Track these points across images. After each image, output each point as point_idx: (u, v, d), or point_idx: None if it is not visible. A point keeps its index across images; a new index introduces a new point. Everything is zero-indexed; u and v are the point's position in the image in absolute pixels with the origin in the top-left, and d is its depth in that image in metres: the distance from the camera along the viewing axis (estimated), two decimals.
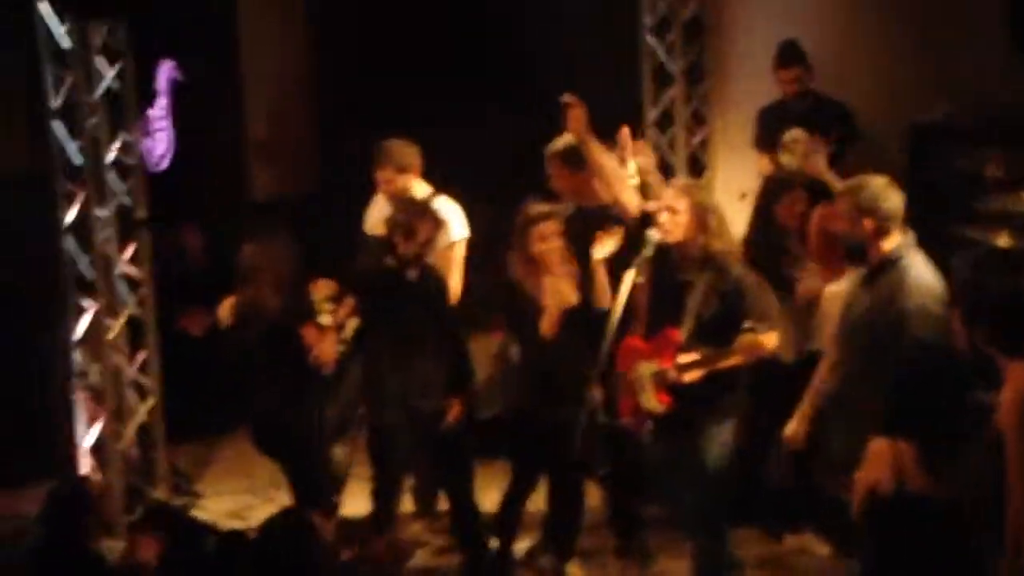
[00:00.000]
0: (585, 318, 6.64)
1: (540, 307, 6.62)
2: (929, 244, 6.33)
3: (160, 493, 7.95)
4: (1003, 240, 7.41)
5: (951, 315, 5.35)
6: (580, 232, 6.84)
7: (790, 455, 7.00)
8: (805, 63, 8.29)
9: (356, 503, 7.36)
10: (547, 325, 6.61)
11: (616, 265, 6.41)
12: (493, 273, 6.98)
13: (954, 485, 4.89)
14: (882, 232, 5.87)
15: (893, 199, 5.89)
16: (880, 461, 4.96)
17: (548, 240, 6.61)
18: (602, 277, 6.61)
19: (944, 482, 4.88)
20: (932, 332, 5.66)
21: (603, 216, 6.92)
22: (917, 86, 8.60)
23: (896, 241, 5.89)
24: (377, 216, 7.43)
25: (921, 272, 5.86)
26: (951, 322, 5.34)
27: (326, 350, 6.57)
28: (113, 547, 7.01)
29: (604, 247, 6.61)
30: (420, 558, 7.31)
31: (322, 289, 6.62)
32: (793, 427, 6.19)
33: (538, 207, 6.68)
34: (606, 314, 6.36)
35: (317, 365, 6.62)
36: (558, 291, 6.59)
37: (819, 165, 7.35)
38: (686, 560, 6.78)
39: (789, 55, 8.31)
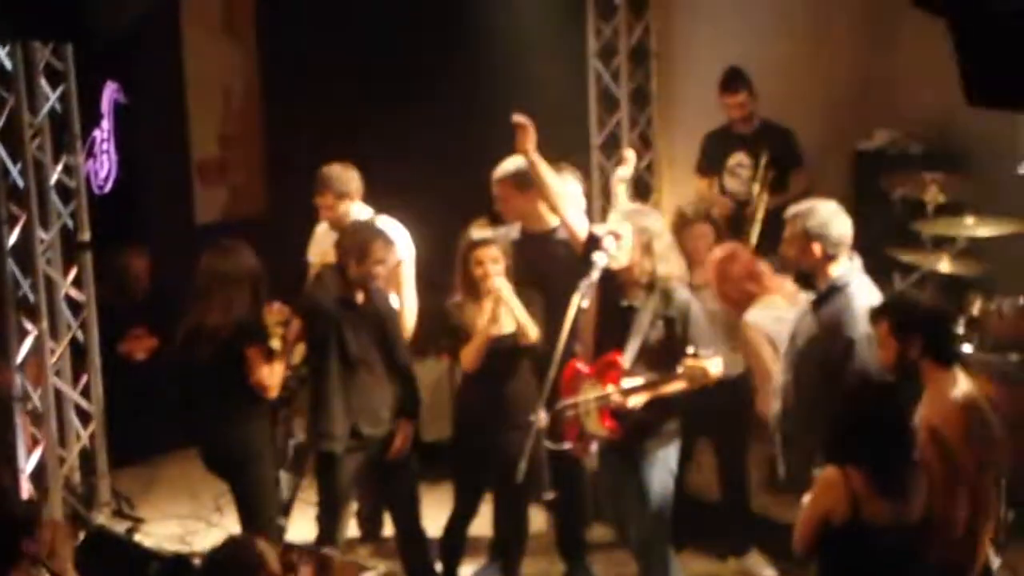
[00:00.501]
0: (517, 346, 6.66)
1: (474, 330, 6.65)
2: (872, 269, 6.41)
3: (103, 518, 7.88)
4: (944, 264, 7.48)
5: (878, 328, 5.39)
6: (526, 256, 6.86)
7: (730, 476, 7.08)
8: (750, 88, 8.35)
9: (301, 528, 7.33)
10: (471, 351, 6.63)
11: (564, 288, 6.41)
12: (438, 296, 6.97)
13: (907, 510, 4.90)
14: (830, 258, 5.90)
15: (841, 224, 5.93)
16: (832, 489, 4.96)
17: (486, 265, 6.61)
18: (517, 309, 6.61)
19: (898, 507, 4.89)
20: (877, 358, 5.72)
21: (550, 240, 6.93)
22: (860, 113, 8.69)
23: (844, 267, 5.93)
24: (321, 243, 7.41)
25: (867, 298, 5.89)
26: (878, 335, 5.39)
27: (269, 375, 6.51)
28: None
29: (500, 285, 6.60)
30: None
31: (275, 314, 6.55)
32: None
33: (480, 232, 6.69)
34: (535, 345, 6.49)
35: (260, 390, 6.55)
36: (495, 316, 6.60)
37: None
38: None
39: (734, 80, 8.37)
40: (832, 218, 5.93)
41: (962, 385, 5.27)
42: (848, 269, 5.94)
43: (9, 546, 5.37)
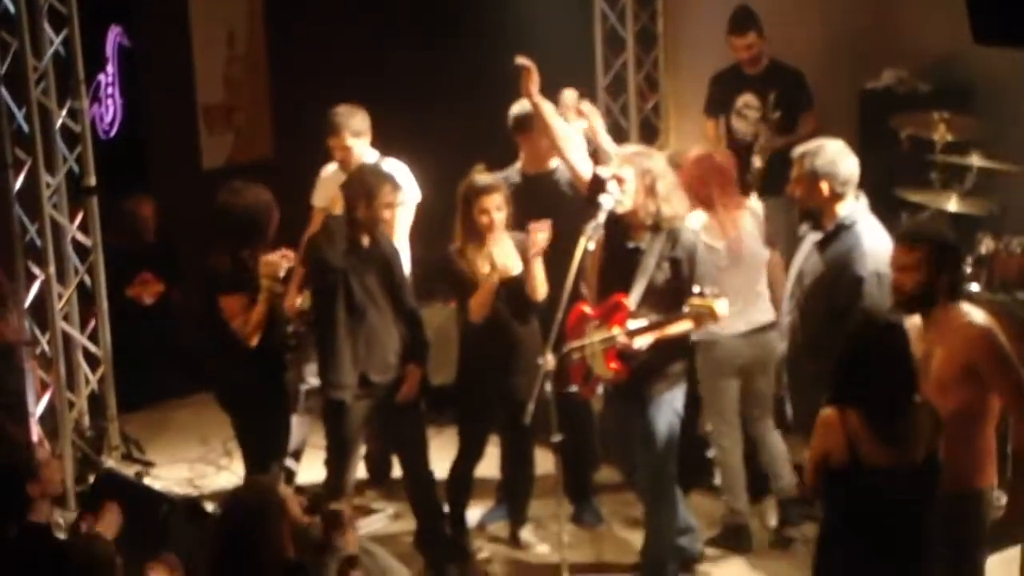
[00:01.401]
0: (524, 289, 6.66)
1: (480, 276, 6.64)
2: (880, 209, 6.39)
3: (112, 462, 7.92)
4: (952, 203, 7.46)
5: (912, 254, 5.26)
6: (528, 198, 6.86)
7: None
8: (759, 29, 8.27)
9: (311, 471, 7.36)
10: (479, 301, 6.63)
11: (568, 229, 6.42)
12: (444, 242, 6.96)
13: (905, 453, 4.88)
14: (837, 196, 5.90)
15: (849, 163, 5.93)
16: (829, 430, 4.93)
17: (491, 212, 6.61)
18: (536, 271, 6.61)
19: (895, 450, 4.87)
20: (886, 297, 5.71)
21: (550, 181, 6.91)
22: (867, 52, 8.63)
23: (851, 206, 5.92)
24: (326, 188, 7.39)
25: (875, 237, 5.89)
26: (909, 260, 5.28)
27: (243, 324, 6.47)
28: (65, 517, 7.01)
29: (536, 245, 6.55)
30: (374, 526, 7.32)
31: (270, 264, 6.44)
32: None
33: (482, 177, 6.67)
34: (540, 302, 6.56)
35: (240, 336, 6.51)
36: (499, 262, 6.59)
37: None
38: (639, 525, 6.84)
39: (743, 21, 8.29)
40: (840, 157, 5.92)
41: (978, 314, 5.26)
42: (855, 208, 5.94)
43: (18, 493, 5.43)
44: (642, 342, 6.08)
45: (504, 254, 6.64)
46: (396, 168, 7.24)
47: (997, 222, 7.45)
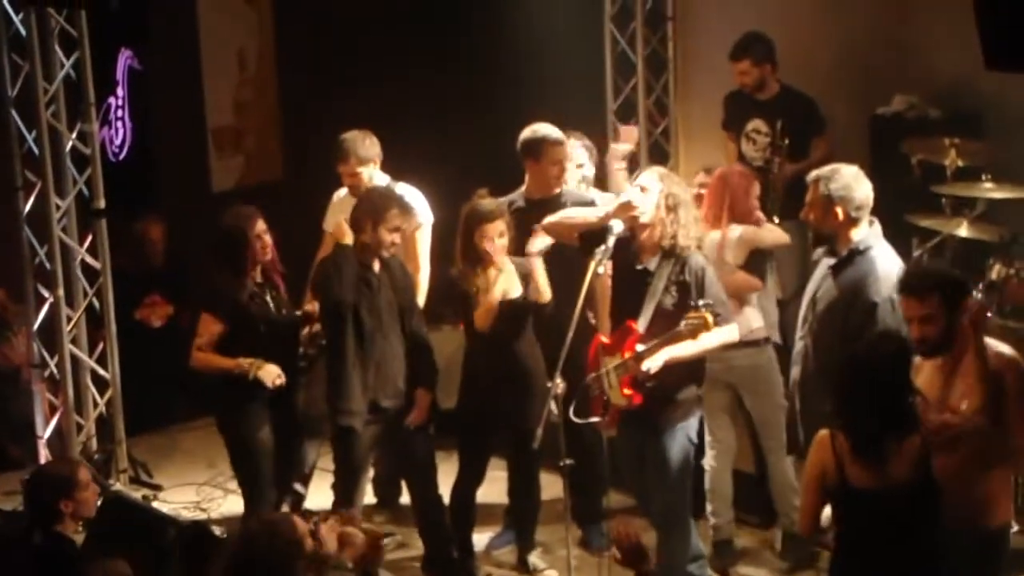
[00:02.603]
0: (527, 310, 6.67)
1: (480, 299, 6.66)
2: (891, 234, 6.38)
3: (119, 485, 7.90)
4: (962, 229, 7.44)
5: (926, 303, 5.23)
6: (532, 223, 6.85)
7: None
8: (756, 57, 8.24)
9: (319, 495, 7.34)
10: (480, 318, 6.63)
11: (575, 256, 6.43)
12: (449, 265, 6.97)
13: (889, 475, 4.88)
14: (852, 221, 5.92)
15: (864, 188, 5.94)
16: (820, 449, 4.99)
17: (493, 240, 6.61)
18: (539, 273, 6.62)
19: (879, 472, 4.87)
20: (900, 323, 5.67)
21: (555, 206, 6.92)
22: (878, 77, 8.63)
23: (865, 231, 5.93)
24: (338, 212, 7.39)
25: (889, 263, 5.90)
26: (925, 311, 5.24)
27: (203, 347, 6.60)
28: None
29: (538, 242, 6.61)
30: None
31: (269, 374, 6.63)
32: None
33: (486, 203, 6.67)
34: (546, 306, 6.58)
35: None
36: (499, 285, 6.61)
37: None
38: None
39: (738, 49, 8.29)
40: (854, 182, 5.94)
41: (1004, 346, 5.25)
42: (869, 233, 5.94)
43: (50, 504, 5.60)
44: (650, 364, 6.04)
45: (506, 279, 6.64)
46: (408, 192, 7.25)
47: (1008, 248, 7.42)
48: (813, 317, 6.03)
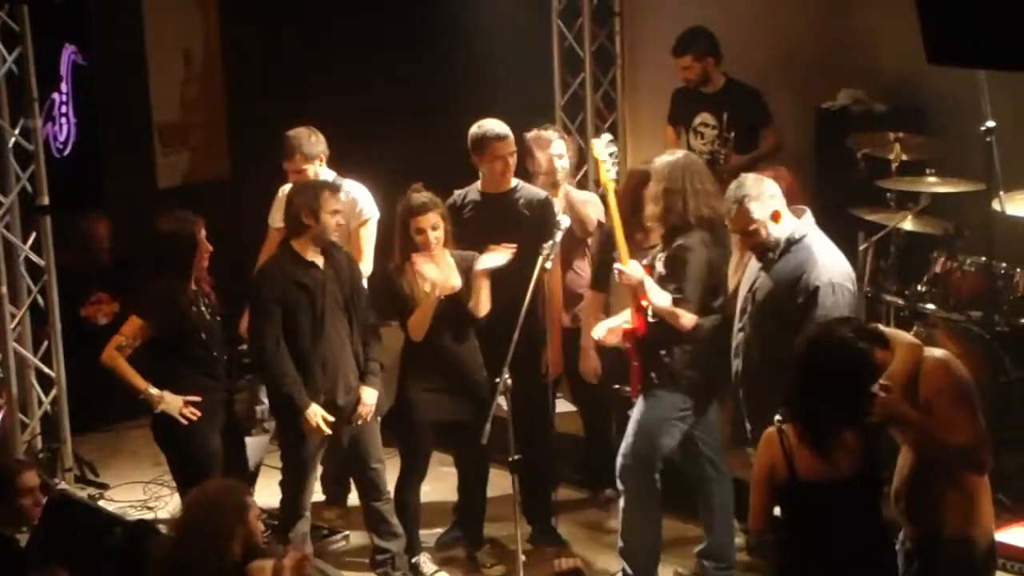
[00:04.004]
0: (462, 310, 6.68)
1: (418, 295, 6.65)
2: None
3: (65, 484, 7.83)
4: (907, 223, 7.49)
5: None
6: (486, 216, 6.91)
7: None
8: (697, 52, 8.25)
9: (267, 493, 7.30)
10: (419, 315, 6.63)
11: (528, 250, 6.50)
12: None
13: (836, 466, 4.89)
14: (774, 216, 5.94)
15: (768, 184, 5.99)
16: (768, 445, 5.01)
17: (427, 232, 6.60)
18: (483, 288, 6.63)
19: (828, 463, 4.89)
20: (841, 308, 5.75)
21: (508, 200, 6.92)
22: (823, 72, 8.68)
23: (793, 221, 5.97)
24: (283, 207, 7.36)
25: (827, 249, 5.95)
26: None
27: (116, 349, 6.56)
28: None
29: (490, 259, 6.61)
30: (331, 548, 7.28)
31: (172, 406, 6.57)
32: None
33: (418, 196, 6.65)
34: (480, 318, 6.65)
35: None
36: (438, 279, 6.60)
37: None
38: (599, 546, 6.82)
39: (679, 44, 8.30)
40: (755, 183, 5.98)
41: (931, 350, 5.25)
42: (800, 223, 5.99)
43: None
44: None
45: (443, 272, 6.63)
46: (354, 188, 7.24)
47: (952, 241, 7.48)
48: (752, 308, 6.05)
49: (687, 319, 6.24)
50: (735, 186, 6.02)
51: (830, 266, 5.86)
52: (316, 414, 6.52)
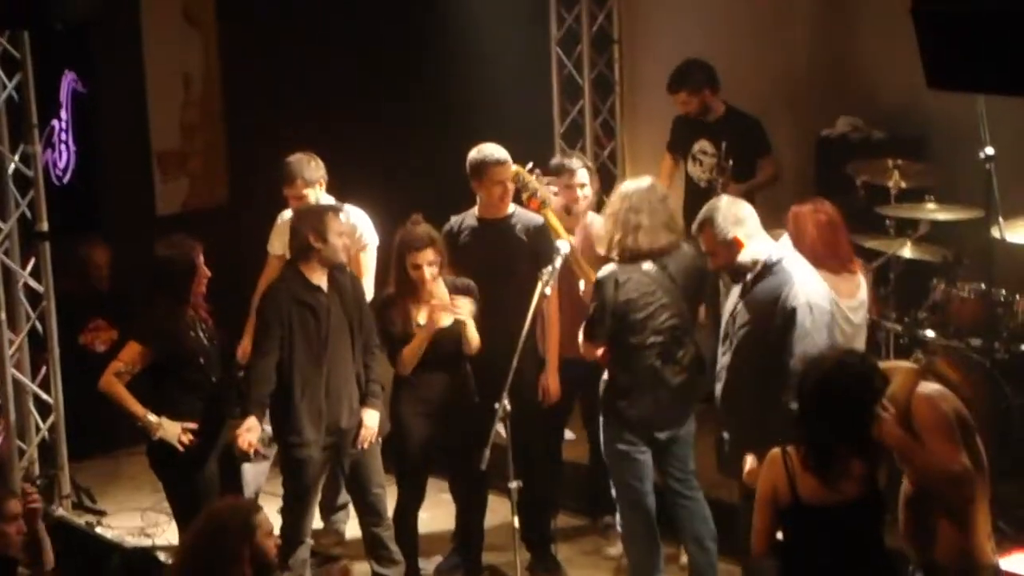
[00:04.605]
0: (456, 343, 6.70)
1: (411, 327, 6.68)
2: None
3: (63, 510, 7.81)
4: (906, 250, 7.49)
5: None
6: (483, 242, 6.93)
7: None
8: (693, 86, 8.26)
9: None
10: (411, 349, 6.65)
11: (526, 275, 6.54)
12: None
13: (839, 490, 4.91)
14: (748, 237, 5.93)
15: (742, 207, 5.99)
16: (772, 467, 5.02)
17: (422, 268, 6.61)
18: (469, 327, 6.66)
19: (830, 487, 4.91)
20: (819, 328, 5.75)
21: (504, 226, 6.95)
22: (823, 100, 8.70)
23: (769, 245, 5.97)
24: (283, 234, 7.35)
25: (804, 272, 5.94)
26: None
27: (114, 377, 6.53)
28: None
29: (465, 306, 6.65)
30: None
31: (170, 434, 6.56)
32: None
33: (416, 230, 6.66)
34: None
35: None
36: (431, 314, 6.64)
37: None
38: (599, 572, 6.79)
39: (674, 81, 8.31)
40: (730, 206, 5.98)
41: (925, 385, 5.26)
42: (775, 247, 5.98)
43: None
44: None
45: (438, 303, 6.66)
46: (354, 213, 7.25)
47: (951, 268, 7.49)
48: (732, 332, 6.04)
49: (583, 347, 6.39)
50: (705, 208, 6.04)
51: (807, 287, 5.85)
52: (249, 430, 6.47)
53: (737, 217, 5.93)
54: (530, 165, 7.00)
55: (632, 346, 6.29)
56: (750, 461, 5.82)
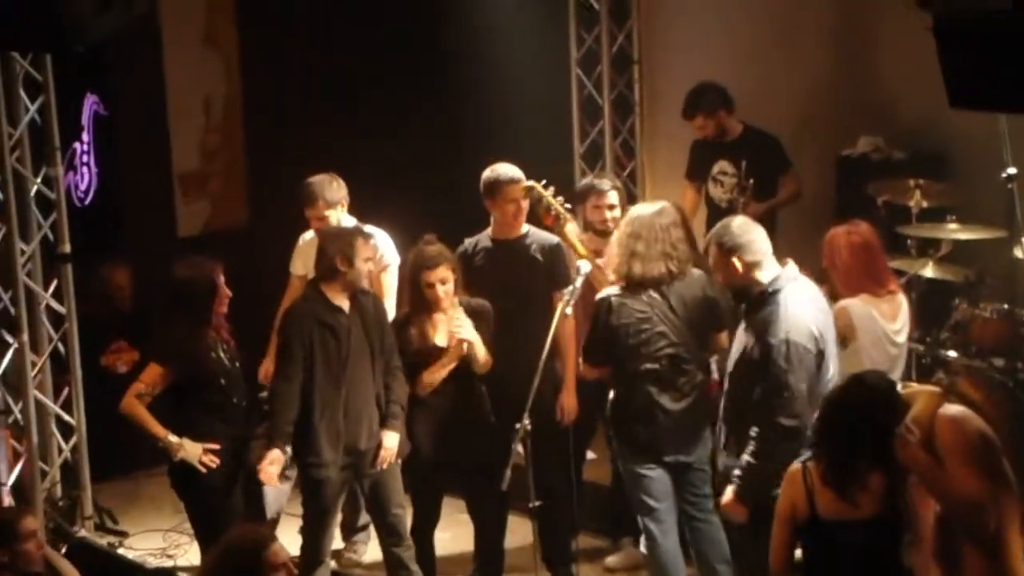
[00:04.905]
0: (470, 367, 6.70)
1: (427, 346, 6.68)
2: None
3: (85, 532, 7.82)
4: (928, 270, 7.47)
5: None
6: (497, 262, 6.94)
7: None
8: (708, 109, 8.23)
9: (286, 539, 7.27)
10: (432, 373, 6.67)
11: (541, 295, 6.66)
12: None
13: (857, 506, 4.91)
14: (753, 265, 5.83)
15: (752, 233, 5.87)
16: (791, 482, 5.03)
17: (435, 287, 6.62)
18: (478, 348, 6.66)
19: (848, 503, 4.91)
20: (795, 367, 5.64)
21: (519, 246, 6.96)
22: (843, 119, 8.69)
23: (772, 273, 5.85)
24: (304, 255, 7.38)
25: (799, 305, 5.78)
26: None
27: (137, 398, 6.52)
28: None
29: (468, 331, 6.64)
30: None
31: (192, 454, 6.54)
32: None
33: (429, 249, 6.67)
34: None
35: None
36: (451, 332, 6.65)
37: None
38: None
39: (688, 107, 8.30)
40: (739, 229, 5.87)
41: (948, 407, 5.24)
42: (778, 275, 5.85)
43: None
44: None
45: (454, 324, 6.66)
46: (376, 234, 7.25)
47: (973, 288, 7.46)
48: (733, 359, 5.99)
49: (583, 368, 6.58)
50: (717, 226, 5.99)
51: (792, 320, 5.71)
52: (272, 462, 6.47)
53: (741, 240, 5.84)
54: (544, 182, 7.00)
55: (629, 372, 6.29)
56: (729, 491, 5.82)
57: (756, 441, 5.69)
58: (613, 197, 7.31)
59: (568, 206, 7.05)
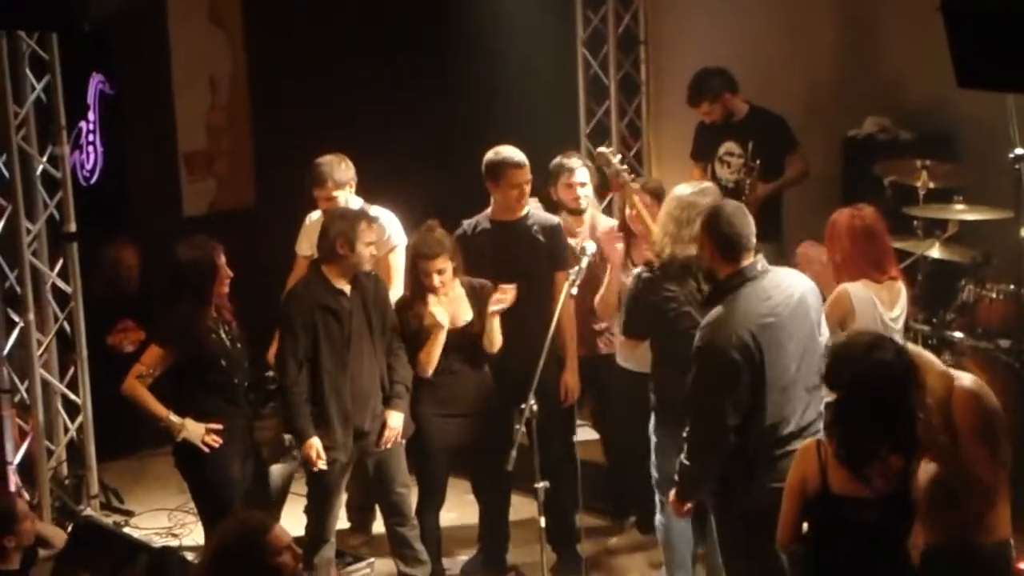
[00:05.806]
0: (474, 343, 6.73)
1: (425, 329, 6.69)
2: None
3: (91, 510, 7.84)
4: (935, 250, 7.46)
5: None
6: (498, 243, 6.94)
7: None
8: (712, 94, 8.21)
9: (292, 519, 7.29)
10: (428, 351, 6.68)
11: (542, 276, 6.66)
12: None
13: (869, 483, 4.89)
14: (722, 258, 5.58)
15: (737, 226, 5.56)
16: (805, 456, 5.01)
17: (432, 276, 6.63)
18: (494, 327, 6.68)
19: (860, 480, 4.89)
20: (708, 372, 5.46)
21: (520, 227, 6.95)
22: (849, 100, 8.67)
23: (737, 268, 5.56)
24: (311, 235, 7.36)
25: (739, 311, 5.49)
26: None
27: (137, 380, 6.52)
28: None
29: (500, 303, 6.64)
30: (356, 575, 7.26)
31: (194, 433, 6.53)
32: None
33: (428, 238, 6.66)
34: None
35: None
36: (447, 314, 6.65)
37: None
38: (625, 573, 6.76)
39: (693, 93, 8.27)
40: (727, 219, 5.56)
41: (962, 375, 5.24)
42: (741, 270, 5.54)
43: None
44: None
45: (453, 305, 6.67)
46: (383, 214, 7.24)
47: (980, 269, 7.45)
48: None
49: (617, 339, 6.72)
50: (711, 206, 5.82)
51: (720, 328, 5.45)
52: (313, 447, 6.51)
53: (724, 230, 5.54)
54: (611, 148, 7.07)
55: (665, 349, 6.23)
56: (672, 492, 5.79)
57: (685, 441, 5.61)
58: (582, 175, 7.29)
59: (634, 175, 6.98)
